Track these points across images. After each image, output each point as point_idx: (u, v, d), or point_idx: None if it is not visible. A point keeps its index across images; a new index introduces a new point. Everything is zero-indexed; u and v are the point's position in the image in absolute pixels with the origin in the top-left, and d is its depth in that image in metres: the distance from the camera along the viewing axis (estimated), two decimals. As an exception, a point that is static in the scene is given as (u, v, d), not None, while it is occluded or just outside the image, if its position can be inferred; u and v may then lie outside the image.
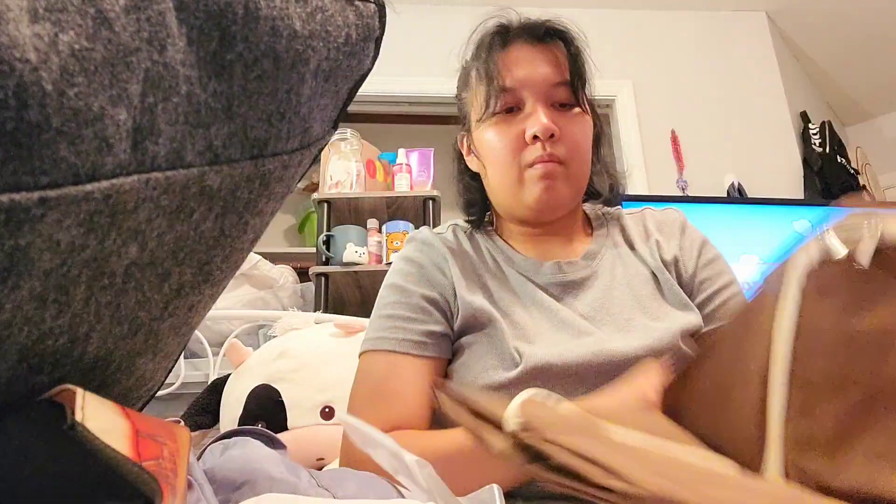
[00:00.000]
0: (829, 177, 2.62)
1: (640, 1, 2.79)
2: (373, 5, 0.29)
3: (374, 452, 0.41)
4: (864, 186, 2.81)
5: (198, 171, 0.24)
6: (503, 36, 0.78)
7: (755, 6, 2.87)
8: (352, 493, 0.39)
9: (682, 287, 0.73)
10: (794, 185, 2.62)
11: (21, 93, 0.17)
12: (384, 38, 0.31)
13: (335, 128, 0.31)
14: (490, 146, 0.76)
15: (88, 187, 0.20)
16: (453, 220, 0.90)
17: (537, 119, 0.72)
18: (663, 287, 0.72)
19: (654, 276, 0.73)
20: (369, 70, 0.31)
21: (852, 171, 2.77)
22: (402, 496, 0.40)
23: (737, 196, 2.44)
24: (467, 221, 0.84)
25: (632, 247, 0.77)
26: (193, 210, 0.25)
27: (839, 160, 2.71)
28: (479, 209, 0.84)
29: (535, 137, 0.72)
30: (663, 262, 0.75)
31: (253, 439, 0.43)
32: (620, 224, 0.82)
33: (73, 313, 0.22)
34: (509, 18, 0.80)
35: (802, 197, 2.57)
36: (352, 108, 0.35)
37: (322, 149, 0.31)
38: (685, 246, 0.77)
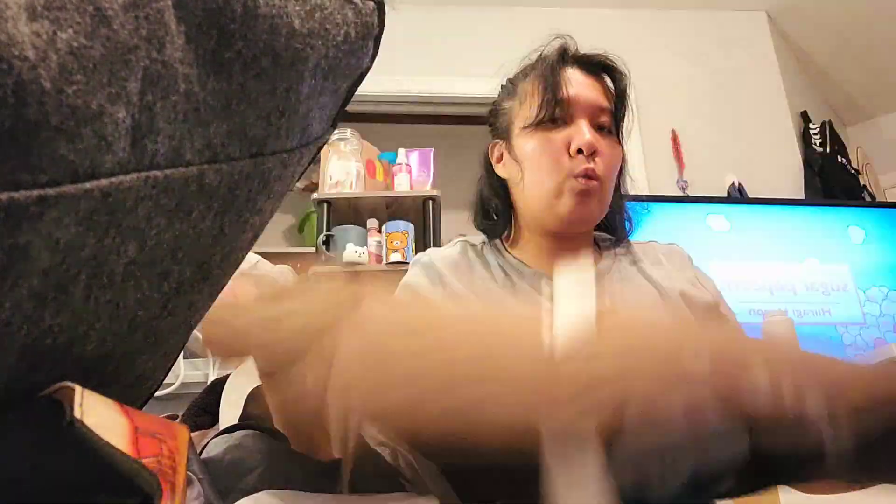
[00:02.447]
0: (830, 177, 2.62)
1: (641, 1, 2.79)
2: (371, 3, 0.29)
3: (383, 450, 0.42)
4: (864, 187, 2.81)
5: (197, 170, 0.24)
6: (564, 57, 0.85)
7: (755, 6, 2.87)
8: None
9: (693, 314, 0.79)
10: (794, 185, 2.61)
11: (19, 91, 0.17)
12: (384, 37, 0.31)
13: (334, 126, 0.32)
14: (533, 153, 0.82)
15: (87, 185, 0.20)
16: (459, 230, 0.94)
17: (582, 134, 0.78)
18: (667, 306, 0.78)
19: (660, 296, 0.79)
20: (368, 68, 0.31)
21: (853, 171, 2.77)
22: (403, 488, 0.40)
23: (737, 196, 2.44)
24: (483, 231, 0.88)
25: (641, 270, 0.82)
26: (192, 208, 0.25)
27: (840, 160, 2.70)
28: (501, 219, 0.87)
29: (579, 151, 0.76)
30: (672, 287, 0.81)
31: (256, 431, 0.43)
32: (629, 249, 0.87)
33: (73, 312, 0.22)
34: (569, 44, 0.87)
35: (803, 197, 2.56)
36: (352, 107, 0.35)
37: (321, 147, 0.32)
38: (700, 278, 0.84)
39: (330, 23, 0.27)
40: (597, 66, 0.85)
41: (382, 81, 2.49)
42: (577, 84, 0.82)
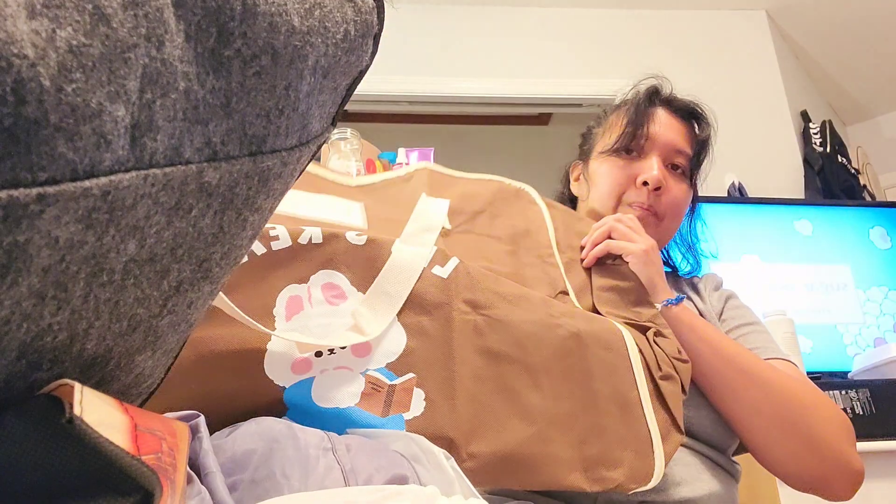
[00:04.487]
0: (830, 176, 2.61)
1: (640, 1, 2.79)
2: (371, 1, 0.29)
3: (397, 444, 0.44)
4: (864, 186, 2.81)
5: (196, 168, 0.24)
6: (653, 96, 0.95)
7: (755, 5, 2.87)
8: (361, 464, 0.39)
9: None
10: (794, 185, 2.61)
11: (19, 89, 0.17)
12: (384, 36, 0.32)
13: (334, 124, 0.32)
14: (603, 176, 0.91)
15: (87, 184, 0.20)
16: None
17: (651, 168, 0.84)
18: None
19: None
20: (368, 66, 0.31)
21: (853, 171, 2.77)
22: (413, 467, 0.41)
23: (737, 196, 2.44)
24: None
25: (692, 304, 0.91)
26: (192, 206, 0.25)
27: (840, 159, 2.70)
28: None
29: (645, 183, 0.83)
30: (702, 311, 0.90)
31: (264, 418, 0.43)
32: (680, 285, 0.97)
33: (72, 310, 0.22)
34: (662, 85, 0.98)
35: (803, 196, 2.56)
36: (352, 107, 0.35)
37: (321, 146, 0.32)
38: (716, 296, 0.92)
39: (329, 20, 0.27)
40: (684, 111, 0.93)
41: (383, 81, 2.49)
42: (659, 123, 0.90)
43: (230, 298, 0.51)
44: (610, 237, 0.77)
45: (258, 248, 0.56)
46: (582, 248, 0.79)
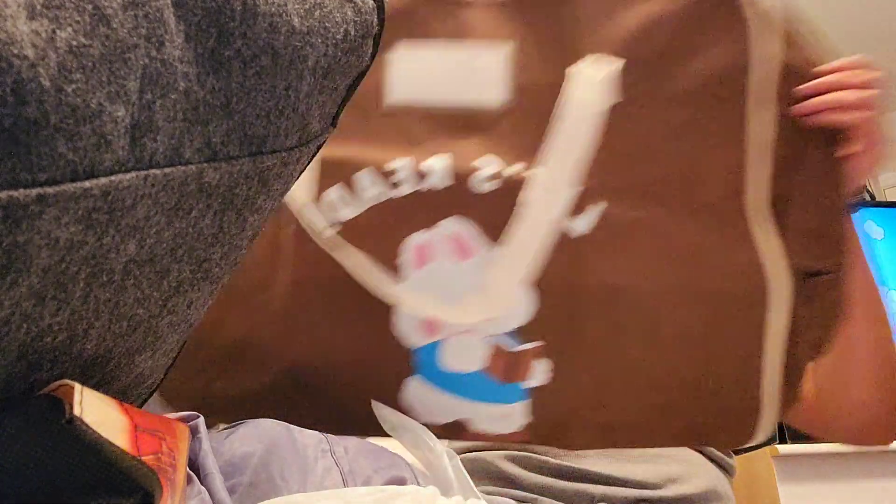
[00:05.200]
0: (829, 176, 2.61)
1: (640, 0, 2.79)
2: (371, 2, 0.29)
3: (402, 438, 0.44)
4: (864, 186, 2.81)
5: (196, 168, 0.24)
6: None
7: (755, 5, 2.86)
8: (359, 466, 0.39)
9: None
10: (794, 184, 2.61)
11: (19, 89, 0.17)
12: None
13: (334, 125, 0.32)
14: None
15: (87, 184, 0.20)
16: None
17: None
18: None
19: None
20: (368, 67, 0.31)
21: (852, 171, 2.76)
22: (412, 469, 0.41)
23: (737, 195, 2.43)
24: None
25: None
26: (192, 207, 0.25)
27: (839, 159, 2.70)
28: None
29: None
30: None
31: (262, 420, 0.43)
32: None
33: (72, 310, 0.22)
34: None
35: (802, 196, 2.56)
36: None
37: (321, 146, 0.32)
38: None
39: (329, 21, 0.27)
40: None
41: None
42: None
43: (354, 241, 0.52)
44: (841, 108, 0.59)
45: (385, 192, 0.55)
46: (798, 100, 0.61)
